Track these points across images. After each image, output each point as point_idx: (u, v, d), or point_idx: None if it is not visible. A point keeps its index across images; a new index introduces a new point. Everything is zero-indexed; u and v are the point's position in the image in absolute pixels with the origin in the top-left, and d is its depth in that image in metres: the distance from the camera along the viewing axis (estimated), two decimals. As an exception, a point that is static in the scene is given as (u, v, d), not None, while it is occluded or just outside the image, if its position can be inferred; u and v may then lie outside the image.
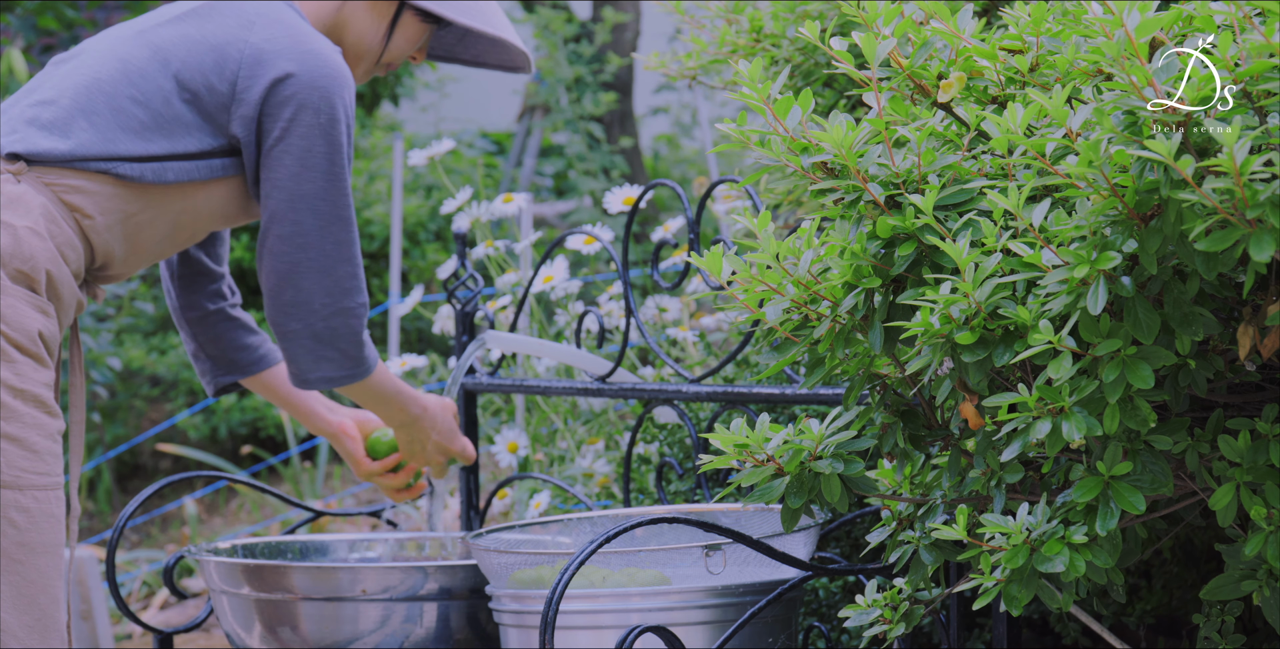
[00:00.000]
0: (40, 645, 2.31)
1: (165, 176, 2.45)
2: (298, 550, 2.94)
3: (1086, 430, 1.75)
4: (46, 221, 2.37)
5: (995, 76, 1.99)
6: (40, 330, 2.34)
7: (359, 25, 2.61)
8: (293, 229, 2.48)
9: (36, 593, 2.30)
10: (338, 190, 2.50)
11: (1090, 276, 1.72)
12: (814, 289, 1.97)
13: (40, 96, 2.46)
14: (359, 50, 2.63)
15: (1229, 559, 1.91)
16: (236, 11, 2.50)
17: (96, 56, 2.49)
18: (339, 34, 2.61)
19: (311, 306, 2.50)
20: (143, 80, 2.45)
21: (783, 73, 2.04)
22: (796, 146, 1.94)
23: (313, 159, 2.47)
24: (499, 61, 2.77)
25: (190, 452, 6.36)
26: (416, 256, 7.19)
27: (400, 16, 2.62)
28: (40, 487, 2.31)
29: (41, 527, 2.31)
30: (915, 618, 2.14)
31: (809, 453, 2.01)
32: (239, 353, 2.83)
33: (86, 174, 2.41)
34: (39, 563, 2.31)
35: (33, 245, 2.35)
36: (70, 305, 2.42)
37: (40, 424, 2.32)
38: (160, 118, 2.44)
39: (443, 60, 2.80)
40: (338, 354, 2.54)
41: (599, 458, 3.63)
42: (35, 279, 2.35)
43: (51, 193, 2.39)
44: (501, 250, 3.89)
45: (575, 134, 7.61)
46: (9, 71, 5.81)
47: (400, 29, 2.63)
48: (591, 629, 2.37)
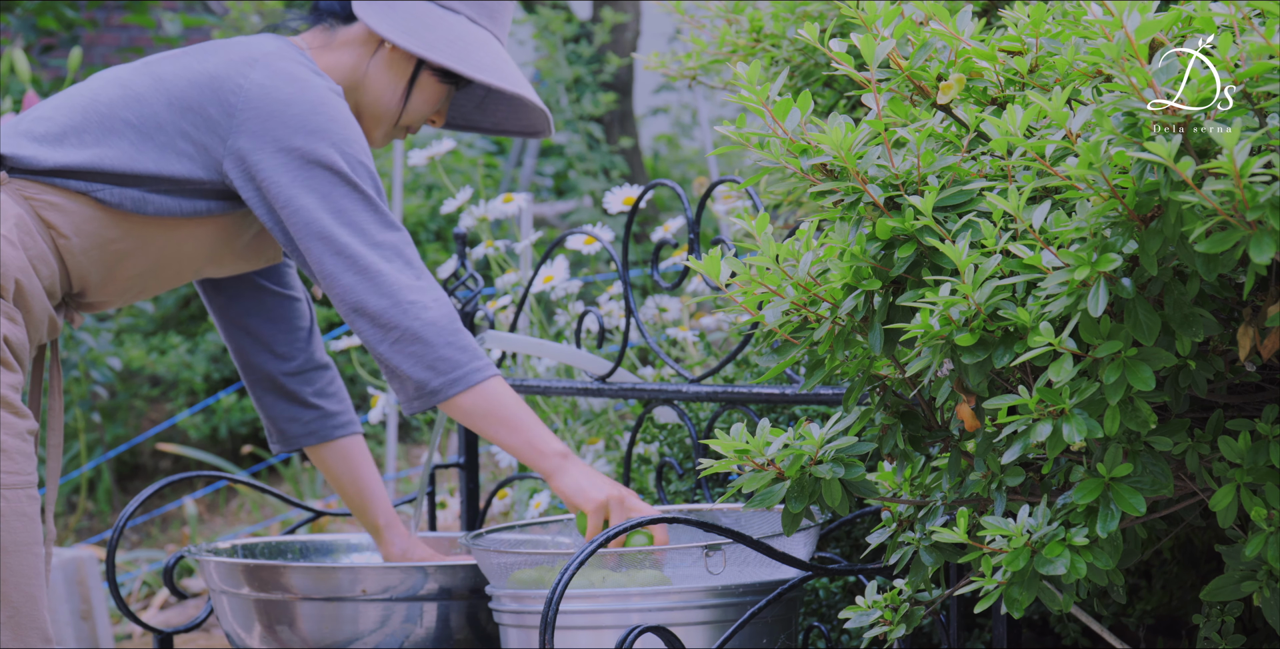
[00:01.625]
0: (14, 644, 2.31)
1: (145, 208, 2.44)
2: (298, 550, 2.94)
3: (1087, 432, 1.75)
4: (20, 232, 2.37)
5: (995, 78, 1.99)
6: (5, 336, 2.34)
7: (376, 85, 2.58)
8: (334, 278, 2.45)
9: (9, 591, 2.31)
10: (382, 220, 2.47)
11: (1090, 278, 1.72)
12: (813, 291, 1.97)
13: (39, 113, 2.49)
14: (376, 112, 2.59)
15: (1229, 560, 1.91)
16: (242, 49, 2.49)
17: (100, 82, 2.51)
18: (356, 96, 2.59)
19: (402, 300, 2.42)
20: (139, 104, 2.45)
21: (782, 73, 2.04)
22: (796, 148, 1.94)
23: (342, 202, 2.46)
24: (519, 127, 2.73)
25: (190, 452, 6.36)
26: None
27: (418, 76, 2.58)
28: (10, 486, 2.31)
29: (13, 526, 2.31)
30: (915, 619, 2.14)
31: (809, 458, 2.01)
32: (288, 424, 2.76)
33: (66, 193, 2.41)
34: (9, 562, 2.31)
35: (3, 252, 2.35)
36: (41, 320, 2.41)
37: (8, 424, 2.32)
38: (152, 141, 2.44)
39: (462, 129, 2.76)
40: (430, 354, 2.43)
41: (599, 458, 3.63)
42: (3, 287, 2.35)
43: (29, 206, 2.40)
44: (501, 250, 3.89)
45: (575, 134, 7.61)
46: (9, 71, 5.81)
47: (418, 89, 2.59)
48: (591, 629, 2.37)
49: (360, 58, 2.58)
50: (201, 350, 6.79)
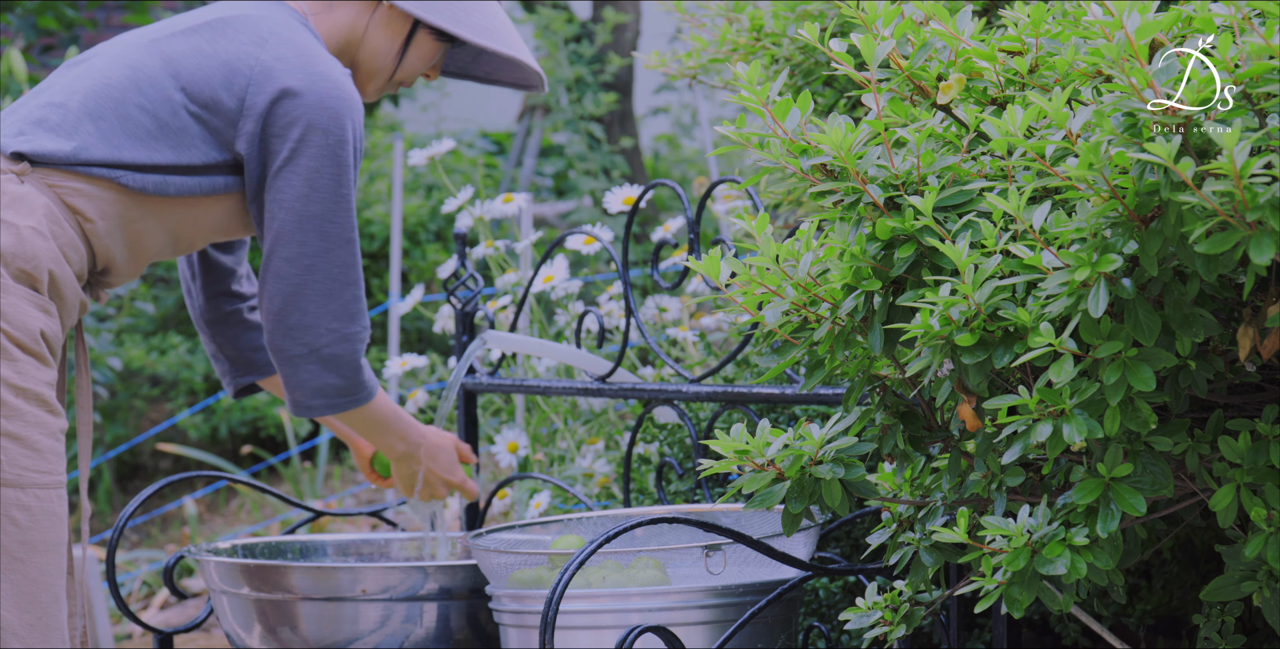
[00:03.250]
0: (41, 644, 2.31)
1: (166, 190, 2.46)
2: (298, 550, 2.94)
3: (1087, 432, 1.74)
4: (49, 222, 2.38)
5: (995, 78, 1.99)
6: (42, 329, 2.35)
7: (373, 43, 2.61)
8: (299, 250, 2.48)
9: (38, 591, 2.31)
10: (344, 212, 2.49)
11: (1091, 278, 1.71)
12: (813, 291, 1.97)
13: (49, 98, 2.47)
14: (372, 68, 2.62)
15: (1229, 560, 1.91)
16: (250, 28, 2.50)
17: (108, 61, 2.50)
18: (352, 51, 2.61)
19: (317, 331, 2.49)
20: (152, 89, 2.46)
21: (783, 72, 2.04)
22: (796, 149, 1.94)
23: (320, 180, 2.47)
24: (513, 79, 2.76)
25: (190, 451, 6.36)
26: (416, 256, 7.19)
27: (415, 35, 2.61)
28: (42, 485, 2.31)
29: (43, 525, 2.31)
30: (916, 619, 2.14)
31: (809, 458, 2.01)
32: (256, 353, 2.82)
33: (90, 179, 2.41)
34: (40, 561, 2.31)
35: (36, 245, 2.35)
36: (73, 305, 2.42)
37: (42, 423, 2.33)
38: (167, 128, 2.45)
39: (456, 77, 2.78)
40: (339, 379, 2.52)
41: (599, 458, 3.63)
42: (38, 279, 2.35)
43: (54, 194, 2.40)
44: (501, 250, 3.89)
45: (575, 134, 7.61)
46: (9, 71, 5.81)
47: (414, 47, 2.62)
48: (591, 629, 2.37)
49: (359, 16, 2.61)
50: (201, 350, 6.79)
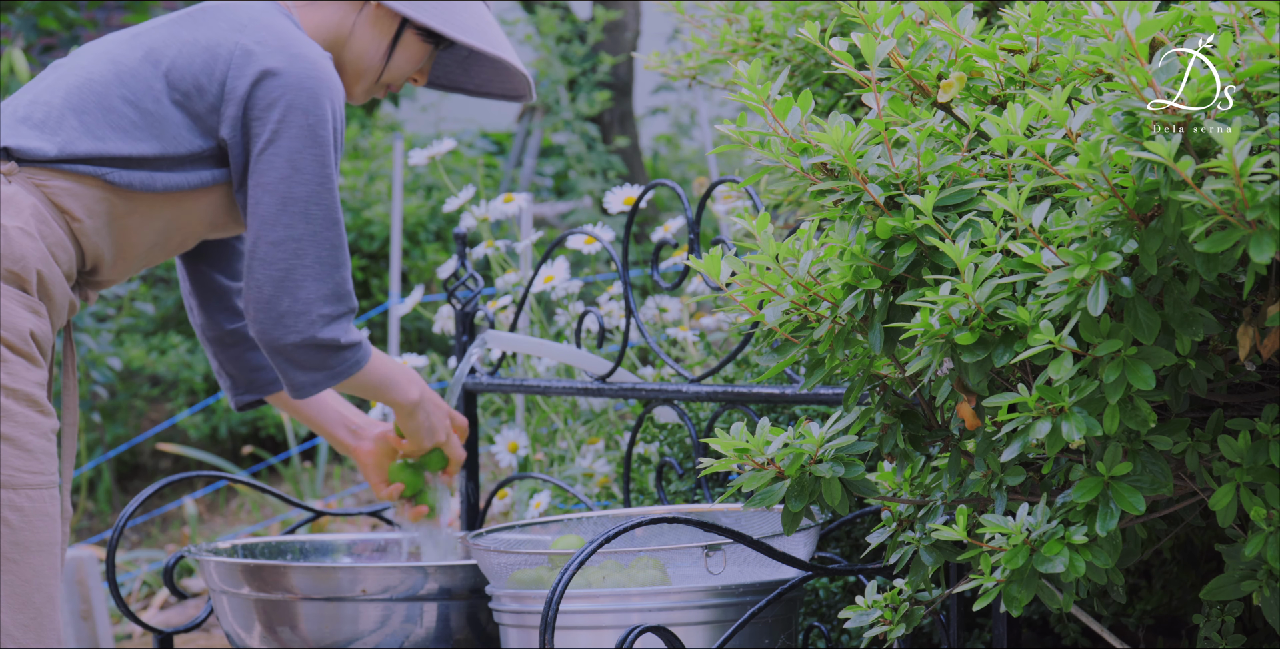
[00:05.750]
0: (36, 645, 2.31)
1: (154, 186, 2.45)
2: (298, 550, 2.94)
3: (1086, 431, 1.74)
4: (37, 222, 2.37)
5: (995, 77, 1.99)
6: (32, 330, 2.35)
7: (360, 42, 2.60)
8: (285, 233, 2.46)
9: (32, 592, 2.31)
10: (329, 193, 2.48)
11: (1090, 277, 1.71)
12: (814, 290, 1.97)
13: (34, 96, 2.48)
14: (359, 68, 2.61)
15: (1229, 560, 1.91)
16: (230, 15, 2.50)
17: (91, 58, 2.50)
18: (339, 50, 2.60)
19: (309, 317, 2.47)
20: (134, 80, 2.46)
21: (783, 73, 2.04)
22: (796, 147, 1.94)
23: (303, 161, 2.45)
24: (502, 90, 2.75)
25: (190, 451, 6.36)
26: (416, 256, 7.19)
27: (401, 34, 2.61)
28: (34, 486, 2.31)
29: (36, 525, 2.31)
30: (915, 619, 2.14)
31: (809, 457, 2.01)
32: (257, 373, 2.80)
33: (77, 177, 2.41)
34: (34, 562, 2.31)
35: (24, 245, 2.35)
36: (62, 306, 2.42)
37: (33, 423, 2.32)
38: (150, 117, 2.44)
39: (446, 89, 2.77)
40: (333, 357, 2.51)
41: (599, 458, 3.63)
42: (26, 279, 2.35)
43: (42, 194, 2.40)
44: (502, 250, 3.90)
45: (575, 134, 7.62)
46: (9, 71, 5.81)
47: (401, 48, 2.62)
48: (591, 629, 2.37)
49: (345, 14, 2.60)
50: (202, 350, 6.79)
